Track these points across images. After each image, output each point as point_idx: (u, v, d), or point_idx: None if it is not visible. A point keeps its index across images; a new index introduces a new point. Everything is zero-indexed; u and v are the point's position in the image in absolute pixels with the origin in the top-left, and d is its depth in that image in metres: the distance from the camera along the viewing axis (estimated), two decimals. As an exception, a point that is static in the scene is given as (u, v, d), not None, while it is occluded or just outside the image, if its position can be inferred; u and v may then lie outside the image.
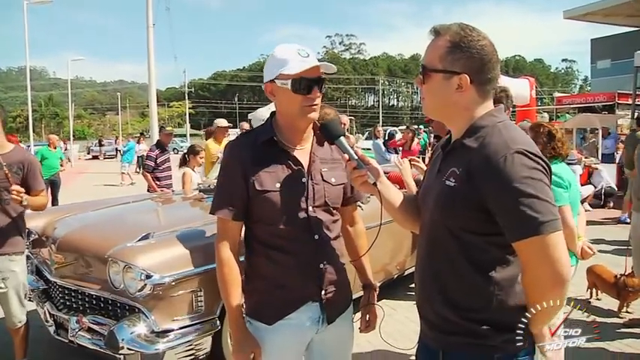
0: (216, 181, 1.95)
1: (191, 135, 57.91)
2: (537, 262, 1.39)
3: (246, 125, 9.67)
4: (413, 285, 5.50)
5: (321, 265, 1.90)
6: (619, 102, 18.01)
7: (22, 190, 3.38)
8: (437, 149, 1.76)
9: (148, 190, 7.31)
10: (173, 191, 6.65)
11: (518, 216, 1.37)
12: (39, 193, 3.60)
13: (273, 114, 1.96)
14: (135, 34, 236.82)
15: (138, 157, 21.32)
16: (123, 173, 19.55)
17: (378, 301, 2.15)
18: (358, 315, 2.16)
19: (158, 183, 7.34)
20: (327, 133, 1.87)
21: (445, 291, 1.54)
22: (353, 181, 1.79)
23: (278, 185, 1.83)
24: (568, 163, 3.54)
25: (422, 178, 2.23)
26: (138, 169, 22.74)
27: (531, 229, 1.36)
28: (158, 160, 7.39)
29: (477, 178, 1.43)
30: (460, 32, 1.50)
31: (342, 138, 1.83)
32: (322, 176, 1.92)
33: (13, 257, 3.56)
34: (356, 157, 1.75)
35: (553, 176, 2.97)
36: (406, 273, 5.31)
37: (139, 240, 3.32)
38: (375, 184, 1.74)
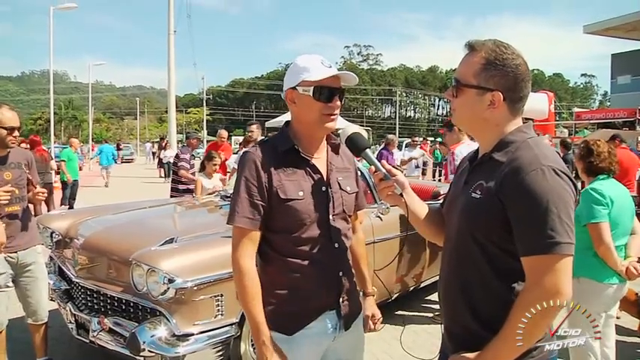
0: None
1: (208, 141, 58.22)
2: (536, 283, 1.38)
3: (224, 134, 9.44)
4: (428, 297, 5.55)
5: (340, 273, 1.93)
6: (640, 118, 17.82)
7: (45, 190, 3.76)
8: (464, 162, 1.79)
9: (177, 189, 7.43)
10: (194, 196, 6.72)
11: (535, 230, 1.38)
12: (36, 185, 3.87)
13: (287, 123, 1.98)
14: (154, 39, 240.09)
15: (165, 163, 21.59)
16: (102, 176, 20.11)
17: (394, 312, 2.17)
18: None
19: (185, 186, 7.57)
20: (353, 146, 1.93)
21: (468, 300, 1.55)
22: (380, 192, 1.82)
23: (301, 194, 1.84)
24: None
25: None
26: (162, 175, 22.92)
27: (544, 247, 1.37)
28: (191, 163, 7.60)
29: (504, 190, 1.44)
30: (495, 49, 1.52)
31: (367, 150, 1.90)
32: (339, 185, 1.95)
33: (37, 248, 3.76)
34: (383, 169, 1.79)
35: (593, 193, 3.10)
36: (422, 285, 5.31)
37: (163, 244, 3.38)
38: (401, 194, 1.78)
